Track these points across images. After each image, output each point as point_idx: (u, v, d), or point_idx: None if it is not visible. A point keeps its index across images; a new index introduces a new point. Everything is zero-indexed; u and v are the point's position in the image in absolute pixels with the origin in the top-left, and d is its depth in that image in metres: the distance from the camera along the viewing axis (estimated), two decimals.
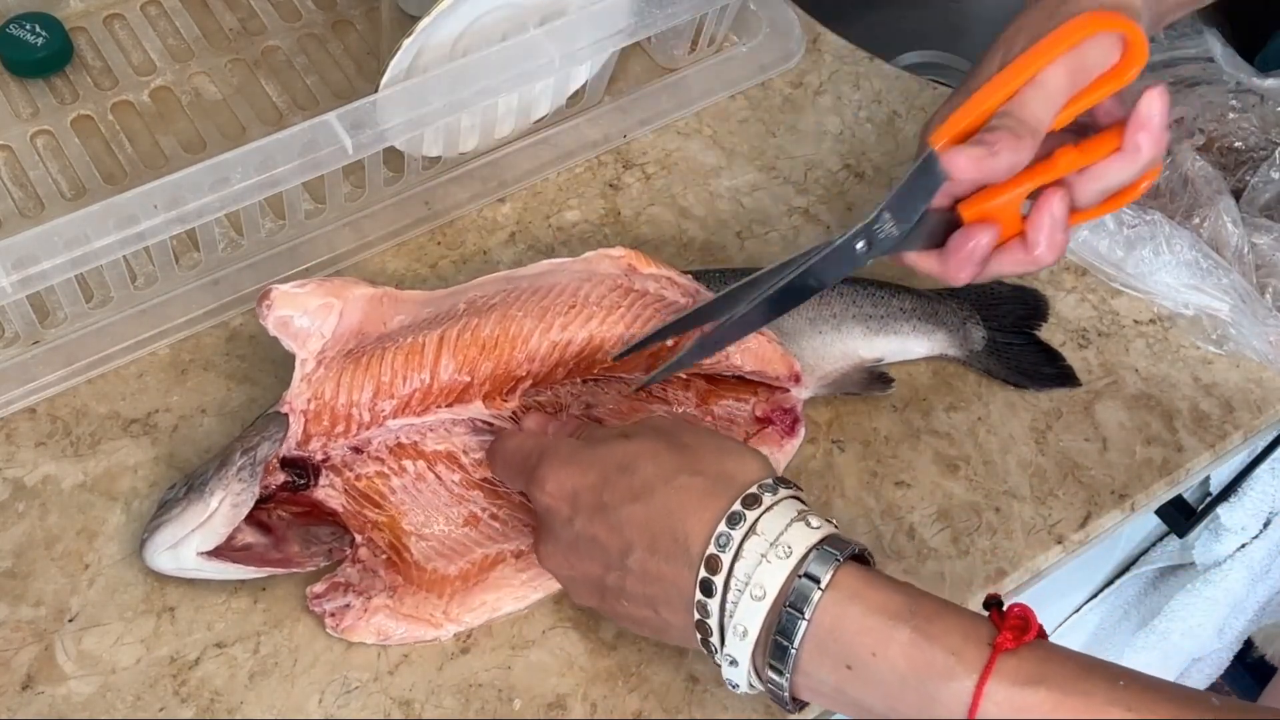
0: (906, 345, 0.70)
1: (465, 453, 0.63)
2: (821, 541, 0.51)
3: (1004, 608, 0.49)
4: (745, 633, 0.51)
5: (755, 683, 0.53)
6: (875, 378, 0.68)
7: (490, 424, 0.64)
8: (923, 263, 0.60)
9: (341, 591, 0.60)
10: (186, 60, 0.79)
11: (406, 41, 0.65)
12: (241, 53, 0.80)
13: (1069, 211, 0.57)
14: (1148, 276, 0.73)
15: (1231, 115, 0.79)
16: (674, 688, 0.60)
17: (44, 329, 0.67)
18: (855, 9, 1.04)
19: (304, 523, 0.61)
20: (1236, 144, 0.79)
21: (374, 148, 0.65)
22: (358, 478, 0.62)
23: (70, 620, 0.60)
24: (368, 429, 0.62)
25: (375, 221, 0.73)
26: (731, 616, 0.51)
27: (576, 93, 0.77)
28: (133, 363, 0.68)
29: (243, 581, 0.61)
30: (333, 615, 0.59)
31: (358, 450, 0.63)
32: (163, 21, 0.81)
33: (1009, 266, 0.59)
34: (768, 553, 0.50)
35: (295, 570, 0.60)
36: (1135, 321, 0.74)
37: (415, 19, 0.66)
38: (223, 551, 0.58)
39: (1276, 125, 0.79)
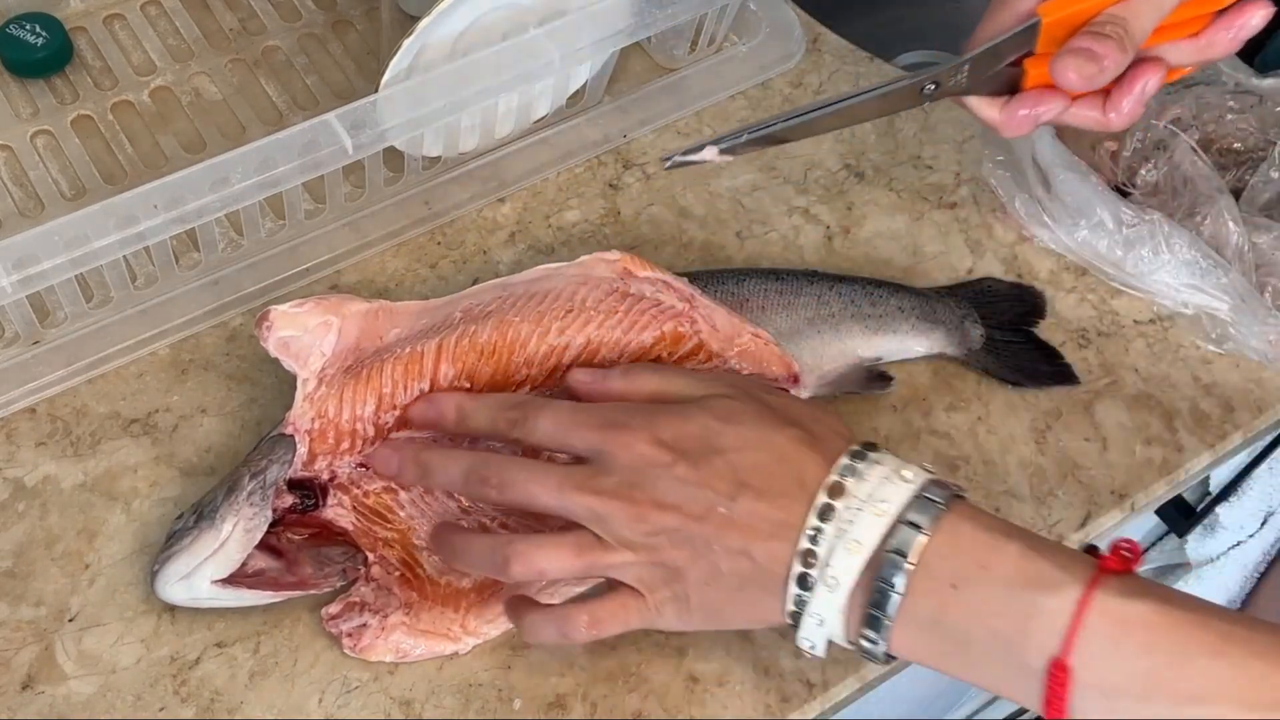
0: (905, 344, 0.70)
1: None
2: (934, 479, 0.52)
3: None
4: (860, 545, 0.51)
5: (837, 622, 0.52)
6: (875, 376, 0.69)
7: None
8: (983, 111, 0.59)
9: (357, 611, 0.60)
10: (186, 60, 0.79)
11: (406, 41, 0.65)
12: (241, 53, 0.80)
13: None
14: (1147, 276, 0.73)
15: (1230, 116, 0.79)
16: (674, 688, 0.60)
17: (44, 329, 0.67)
18: (855, 9, 1.04)
19: (315, 544, 0.61)
20: (1235, 145, 0.79)
21: (374, 148, 0.65)
22: (365, 494, 0.62)
23: (70, 620, 0.60)
24: (372, 444, 0.62)
25: (375, 221, 0.73)
26: (845, 534, 0.51)
27: (576, 93, 0.77)
28: (133, 363, 0.68)
29: None
30: (350, 635, 0.59)
31: (364, 466, 0.63)
32: (163, 21, 0.81)
33: (1078, 121, 0.59)
34: (890, 476, 0.52)
35: (311, 592, 0.60)
36: (1135, 321, 0.74)
37: (415, 19, 0.66)
38: (236, 579, 0.58)
39: (1276, 125, 0.79)
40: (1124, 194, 0.77)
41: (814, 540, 0.51)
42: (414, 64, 0.67)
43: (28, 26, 0.77)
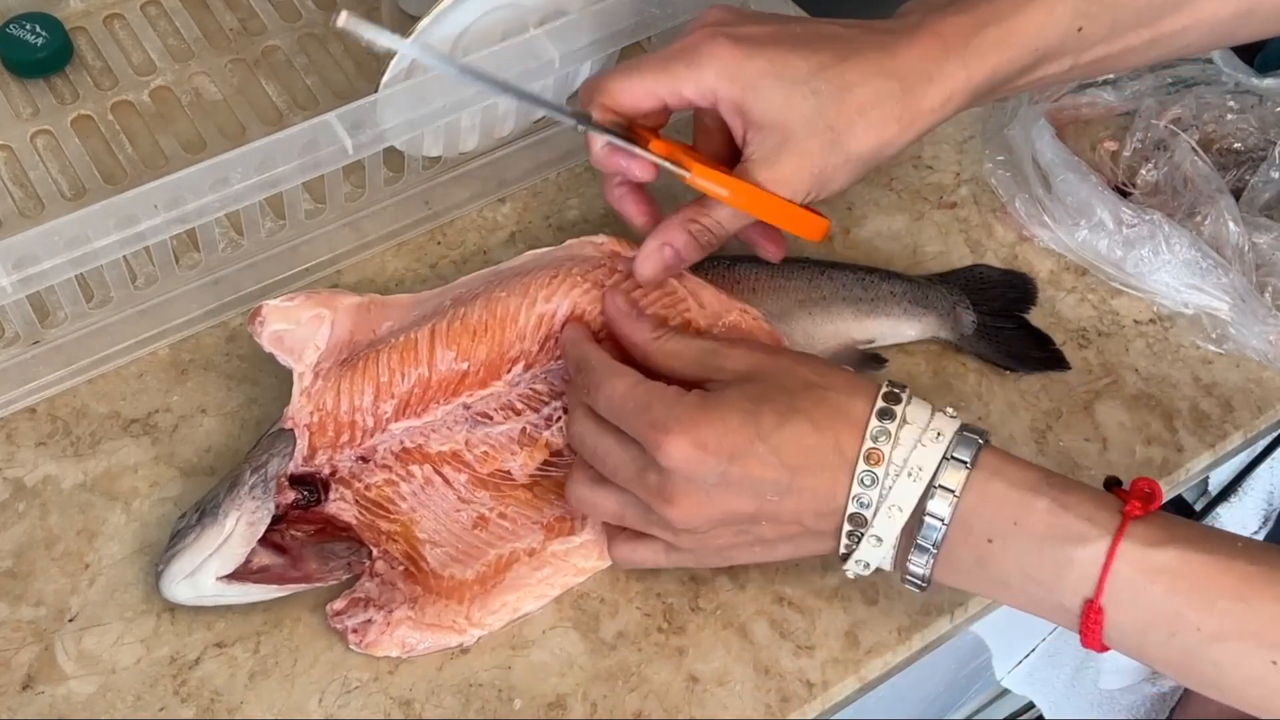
0: (897, 327, 0.70)
1: (469, 449, 0.63)
2: (961, 428, 0.55)
3: (1123, 485, 0.55)
4: (900, 510, 0.54)
5: (885, 564, 0.56)
6: (868, 358, 0.69)
7: (490, 416, 0.64)
8: (594, 144, 0.63)
9: (362, 607, 0.60)
10: (186, 60, 0.79)
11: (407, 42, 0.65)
12: (241, 53, 0.80)
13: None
14: (1147, 276, 0.73)
15: (1230, 116, 0.79)
16: (674, 688, 0.60)
17: (44, 329, 0.67)
18: (855, 9, 1.04)
19: (319, 540, 0.61)
20: (1235, 145, 0.79)
21: (374, 148, 0.65)
22: (367, 487, 0.62)
23: (70, 620, 0.60)
24: (372, 436, 0.62)
25: (375, 221, 0.73)
26: (885, 499, 0.54)
27: (577, 93, 0.77)
28: (133, 363, 0.68)
29: None
30: (355, 631, 0.59)
31: (364, 459, 0.63)
32: (163, 21, 0.81)
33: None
34: (921, 437, 0.54)
35: (317, 585, 0.60)
36: (1135, 321, 0.74)
37: (415, 19, 0.66)
38: (241, 574, 0.58)
39: (1276, 125, 0.79)
40: (1124, 194, 0.77)
41: (860, 504, 0.55)
42: (414, 64, 0.67)
43: (28, 26, 0.77)
